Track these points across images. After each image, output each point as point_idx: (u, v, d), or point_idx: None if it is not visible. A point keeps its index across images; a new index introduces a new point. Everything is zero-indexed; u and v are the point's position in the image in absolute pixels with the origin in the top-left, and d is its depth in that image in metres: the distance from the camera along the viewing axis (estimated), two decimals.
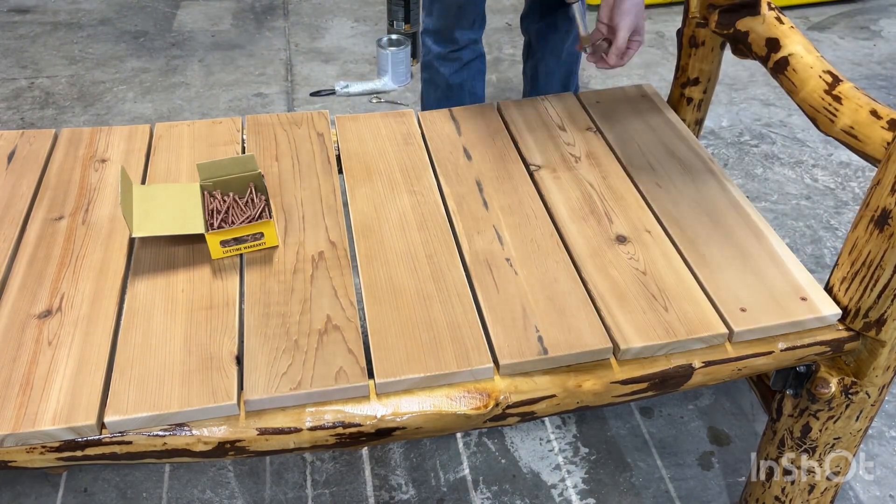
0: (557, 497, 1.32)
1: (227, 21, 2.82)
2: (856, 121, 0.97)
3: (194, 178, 1.12)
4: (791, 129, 2.26)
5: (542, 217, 1.09)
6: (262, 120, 1.28)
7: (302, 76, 2.50)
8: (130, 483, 1.32)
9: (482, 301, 0.95)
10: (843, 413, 1.02)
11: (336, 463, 1.36)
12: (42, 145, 1.20)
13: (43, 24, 2.76)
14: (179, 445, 0.83)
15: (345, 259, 1.01)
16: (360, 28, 2.79)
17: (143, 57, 2.59)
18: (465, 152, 1.21)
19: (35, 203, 1.10)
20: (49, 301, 0.94)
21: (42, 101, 2.35)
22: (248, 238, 1.00)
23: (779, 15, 1.15)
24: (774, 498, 1.16)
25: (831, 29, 2.82)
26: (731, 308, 0.95)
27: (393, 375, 0.86)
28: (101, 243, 1.02)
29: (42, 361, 0.86)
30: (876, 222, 0.89)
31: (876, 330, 0.94)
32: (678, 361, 0.92)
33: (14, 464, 0.82)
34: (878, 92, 2.44)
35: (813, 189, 2.03)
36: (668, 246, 1.04)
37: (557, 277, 0.99)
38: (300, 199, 1.11)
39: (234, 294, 0.95)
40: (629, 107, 1.33)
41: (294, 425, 0.84)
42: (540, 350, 0.89)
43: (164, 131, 1.25)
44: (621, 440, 1.41)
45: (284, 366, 0.87)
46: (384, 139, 1.24)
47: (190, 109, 2.33)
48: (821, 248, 1.84)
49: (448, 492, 1.32)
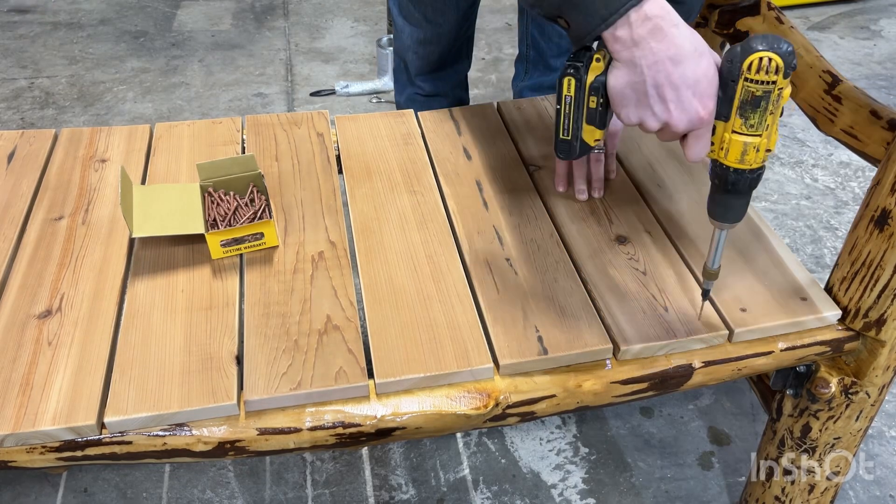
0: (557, 497, 1.32)
1: (227, 21, 2.82)
2: (856, 121, 0.97)
3: (194, 178, 1.12)
4: (791, 129, 2.26)
5: (542, 217, 1.09)
6: (262, 120, 1.28)
7: (302, 76, 2.50)
8: (130, 483, 1.32)
9: (482, 301, 0.95)
10: (843, 413, 1.02)
11: (336, 463, 1.36)
12: (42, 145, 1.20)
13: (43, 24, 2.76)
14: (179, 445, 0.83)
15: (345, 259, 1.01)
16: (360, 28, 2.79)
17: (143, 57, 2.59)
18: (465, 152, 1.21)
19: (35, 203, 1.10)
20: (49, 301, 0.94)
21: (42, 101, 2.35)
22: (248, 238, 1.00)
23: (779, 15, 1.15)
24: (774, 498, 1.16)
25: (831, 29, 2.82)
26: (731, 308, 0.95)
27: (393, 375, 0.86)
28: (101, 243, 1.02)
29: (42, 361, 0.86)
30: (876, 222, 0.89)
31: (876, 330, 0.94)
32: (678, 361, 0.92)
33: (14, 464, 0.82)
34: (878, 92, 2.44)
35: (813, 189, 2.03)
36: (668, 246, 1.04)
37: (557, 277, 0.99)
38: (300, 199, 1.11)
39: (234, 294, 0.95)
40: None
41: (294, 425, 0.84)
42: (540, 350, 0.89)
43: (164, 131, 1.25)
44: (621, 440, 1.41)
45: (284, 366, 0.87)
46: (384, 139, 1.24)
47: (190, 109, 2.33)
48: (821, 248, 1.84)
49: (448, 492, 1.32)
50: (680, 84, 0.75)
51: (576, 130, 0.86)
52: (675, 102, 0.76)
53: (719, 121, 0.77)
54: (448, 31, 1.39)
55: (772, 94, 0.72)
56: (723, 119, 0.76)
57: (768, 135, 0.75)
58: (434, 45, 1.42)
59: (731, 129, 0.75)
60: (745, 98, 0.73)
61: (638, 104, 0.79)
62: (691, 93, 0.75)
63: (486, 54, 2.63)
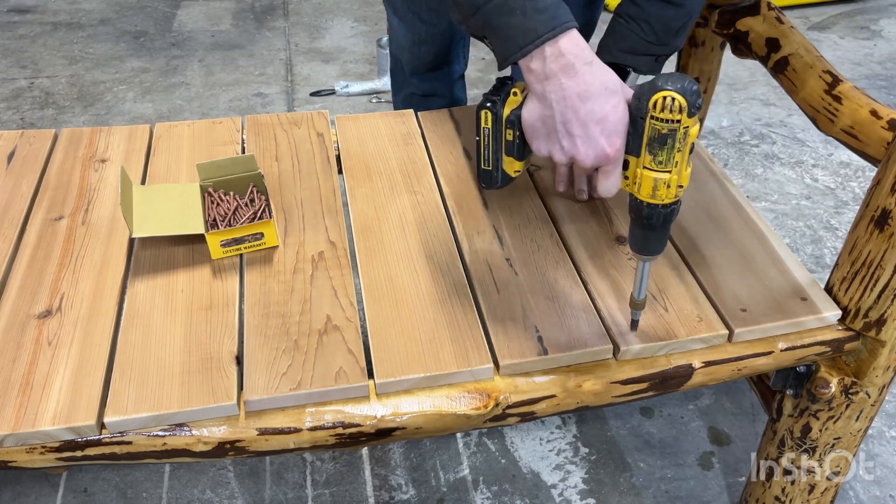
0: (557, 497, 1.32)
1: (227, 21, 2.82)
2: (856, 121, 0.97)
3: (194, 178, 1.12)
4: (791, 129, 2.26)
5: (543, 217, 1.09)
6: (262, 120, 1.28)
7: (302, 76, 2.50)
8: (130, 483, 1.32)
9: (482, 301, 0.95)
10: (843, 413, 1.02)
11: (336, 463, 1.36)
12: (42, 145, 1.20)
13: (43, 24, 2.76)
14: (179, 445, 0.83)
15: (345, 259, 1.01)
16: (360, 28, 2.79)
17: (143, 57, 2.59)
18: (465, 152, 1.21)
19: (35, 203, 1.09)
20: (49, 301, 0.94)
21: (42, 101, 2.35)
22: (248, 238, 1.00)
23: (779, 15, 1.15)
24: (774, 498, 1.16)
25: (831, 29, 2.82)
26: (731, 308, 0.95)
27: (393, 375, 0.86)
28: (101, 243, 1.02)
29: (42, 361, 0.86)
30: (876, 222, 0.89)
31: (876, 330, 0.94)
32: (678, 361, 0.92)
33: (14, 464, 0.82)
34: (878, 92, 2.44)
35: (813, 189, 2.03)
36: (668, 246, 1.04)
37: (557, 278, 0.99)
38: (300, 199, 1.11)
39: (234, 294, 0.95)
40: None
41: (294, 425, 0.84)
42: (540, 350, 0.89)
43: (164, 131, 1.25)
44: (621, 440, 1.41)
45: (284, 366, 0.87)
46: (384, 139, 1.24)
47: (190, 109, 2.33)
48: (821, 248, 1.84)
49: (448, 492, 1.32)
50: (587, 120, 0.76)
51: (496, 161, 0.89)
52: (582, 138, 0.77)
53: (631, 156, 0.78)
54: (443, 31, 1.39)
55: (677, 132, 0.73)
56: (634, 154, 0.77)
57: (678, 171, 0.76)
58: (428, 45, 1.42)
59: (641, 164, 0.77)
60: (653, 135, 0.74)
61: (548, 138, 0.80)
62: (598, 130, 0.76)
63: (487, 54, 2.62)
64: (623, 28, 1.04)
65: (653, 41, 1.03)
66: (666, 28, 1.02)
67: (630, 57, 1.04)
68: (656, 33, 1.02)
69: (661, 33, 1.02)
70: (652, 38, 1.02)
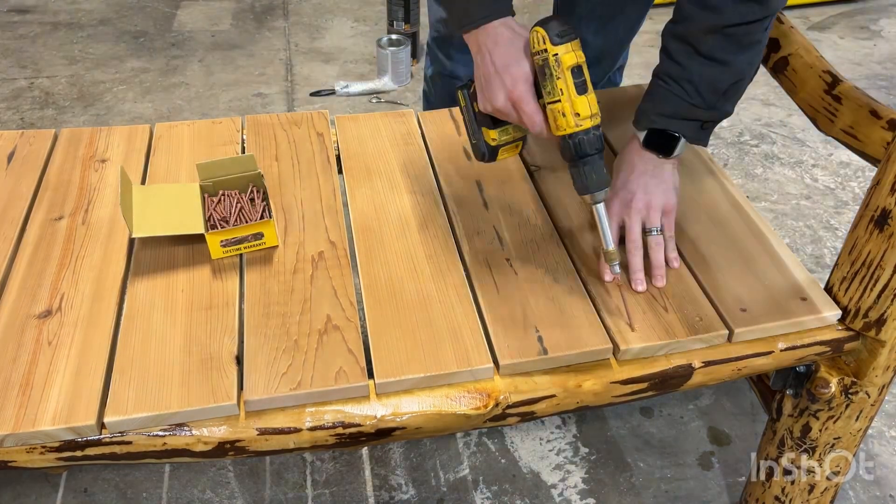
0: (557, 497, 1.32)
1: (227, 21, 2.82)
2: (856, 121, 0.97)
3: (194, 178, 1.12)
4: (791, 129, 2.26)
5: (543, 217, 1.09)
6: (262, 120, 1.28)
7: (302, 76, 2.50)
8: (130, 483, 1.32)
9: (482, 301, 0.95)
10: (843, 413, 1.02)
11: (336, 463, 1.36)
12: (42, 145, 1.20)
13: (43, 24, 2.76)
14: (179, 445, 0.83)
15: (345, 259, 1.01)
16: (360, 28, 2.79)
17: (143, 57, 2.59)
18: (465, 152, 1.21)
19: (35, 203, 1.09)
20: (49, 301, 0.94)
21: (42, 101, 2.35)
22: (248, 238, 1.00)
23: (779, 15, 1.15)
24: (774, 498, 1.16)
25: (831, 29, 2.82)
26: (731, 308, 0.95)
27: (393, 375, 0.86)
28: (101, 243, 1.02)
29: (42, 361, 0.86)
30: (876, 222, 0.89)
31: (876, 330, 0.94)
32: (678, 361, 0.92)
33: (14, 464, 0.82)
34: (878, 92, 2.44)
35: (813, 189, 2.03)
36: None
37: (557, 277, 0.99)
38: (300, 199, 1.11)
39: (234, 294, 0.95)
40: (629, 107, 1.32)
41: (294, 425, 0.84)
42: (540, 350, 0.89)
43: (164, 131, 1.25)
44: (621, 440, 1.41)
45: (284, 366, 0.87)
46: (384, 139, 1.24)
47: (190, 109, 2.33)
48: (821, 248, 1.84)
49: (448, 492, 1.32)
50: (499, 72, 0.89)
51: (477, 133, 0.97)
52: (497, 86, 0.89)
53: (541, 100, 0.88)
54: None
55: (549, 60, 0.84)
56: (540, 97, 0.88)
57: (567, 98, 0.85)
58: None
59: (543, 103, 0.87)
60: (539, 73, 0.87)
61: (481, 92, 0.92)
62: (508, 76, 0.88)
63: None
64: (663, 91, 0.97)
65: (698, 104, 0.96)
66: (713, 88, 0.95)
67: (674, 122, 0.97)
68: (701, 94, 0.95)
69: (707, 94, 0.95)
70: (697, 100, 0.95)
